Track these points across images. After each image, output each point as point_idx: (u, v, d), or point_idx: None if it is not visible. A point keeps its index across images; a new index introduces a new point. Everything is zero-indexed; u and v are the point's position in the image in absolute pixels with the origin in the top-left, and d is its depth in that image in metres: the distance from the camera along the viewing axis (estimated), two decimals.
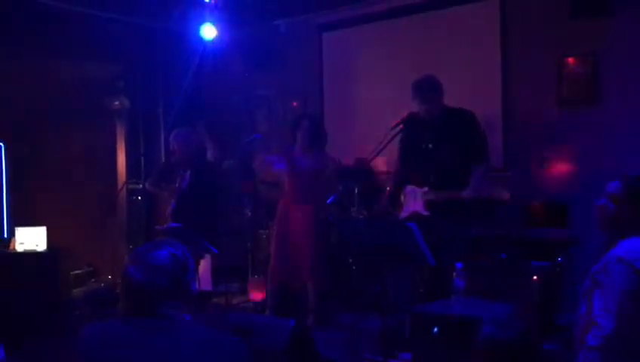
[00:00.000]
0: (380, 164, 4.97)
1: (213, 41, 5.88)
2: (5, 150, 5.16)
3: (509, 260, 4.19)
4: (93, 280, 5.97)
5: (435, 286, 3.81)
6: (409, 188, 4.17)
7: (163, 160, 6.22)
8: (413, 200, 4.12)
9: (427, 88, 4.07)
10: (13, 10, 5.18)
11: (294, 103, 6.17)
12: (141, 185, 6.25)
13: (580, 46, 4.74)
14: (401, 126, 4.09)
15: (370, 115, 5.80)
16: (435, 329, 3.07)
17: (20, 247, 5.00)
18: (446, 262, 3.46)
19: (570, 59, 4.81)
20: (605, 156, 4.62)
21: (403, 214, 4.18)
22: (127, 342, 1.72)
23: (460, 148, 3.98)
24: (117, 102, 6.35)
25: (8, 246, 5.03)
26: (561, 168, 4.83)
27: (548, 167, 4.87)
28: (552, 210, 4.60)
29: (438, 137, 4.07)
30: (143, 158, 6.46)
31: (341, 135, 6.14)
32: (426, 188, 4.07)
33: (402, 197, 4.24)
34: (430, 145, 4.10)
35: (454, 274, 3.33)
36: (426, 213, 4.02)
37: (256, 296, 5.55)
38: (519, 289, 3.75)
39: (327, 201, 4.53)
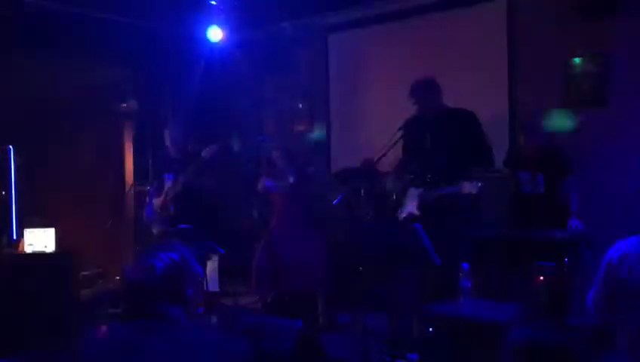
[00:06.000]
0: (387, 164, 4.98)
1: (220, 44, 5.91)
2: (14, 152, 5.20)
3: (516, 261, 4.18)
4: (101, 281, 5.99)
5: (441, 287, 3.81)
6: (411, 190, 4.20)
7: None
8: (411, 202, 4.14)
9: (420, 89, 4.11)
10: (23, 14, 5.23)
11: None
12: (149, 187, 6.28)
13: (588, 46, 4.73)
14: (402, 131, 4.13)
15: (376, 115, 5.81)
16: (430, 330, 3.11)
17: (28, 249, 5.02)
18: (452, 262, 3.46)
19: (578, 60, 4.79)
20: (614, 157, 4.60)
21: (401, 216, 4.20)
22: (127, 344, 1.74)
23: (458, 147, 3.98)
24: (125, 105, 6.38)
25: (17, 247, 5.06)
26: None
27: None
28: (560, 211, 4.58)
29: (435, 137, 4.09)
30: (150, 160, 6.49)
31: (348, 136, 6.16)
32: (421, 190, 4.09)
33: (405, 200, 4.25)
34: (428, 145, 4.12)
35: (461, 274, 3.32)
36: (417, 214, 4.05)
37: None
38: (526, 290, 3.74)
39: (334, 202, 4.54)
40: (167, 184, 5.16)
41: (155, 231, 5.19)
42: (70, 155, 5.99)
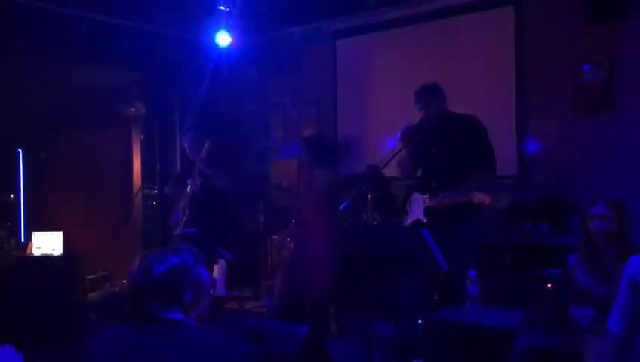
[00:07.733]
0: (394, 170, 4.97)
1: (228, 49, 5.93)
2: (23, 156, 5.24)
3: (523, 267, 4.17)
4: (108, 284, 6.02)
5: (448, 293, 3.80)
6: (414, 195, 4.18)
7: (178, 165, 6.29)
8: (417, 208, 4.12)
9: (423, 94, 4.10)
10: (30, 17, 5.27)
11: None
12: (156, 190, 6.31)
13: (595, 52, 4.72)
14: (400, 145, 4.12)
15: (383, 121, 5.81)
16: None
17: (36, 252, 5.05)
18: (459, 268, 3.44)
19: (586, 66, 4.78)
20: (621, 163, 4.58)
21: (407, 222, 4.19)
22: (128, 344, 1.75)
23: (461, 152, 3.96)
24: (133, 109, 6.42)
25: (25, 250, 5.09)
26: (576, 175, 4.79)
27: (563, 173, 4.84)
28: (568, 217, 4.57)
29: (439, 142, 4.07)
30: (158, 164, 6.52)
31: (355, 141, 6.16)
32: (427, 196, 4.08)
33: (408, 205, 4.24)
34: (432, 151, 4.10)
35: (468, 281, 3.31)
36: (425, 220, 4.03)
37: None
38: (533, 297, 3.72)
39: (340, 207, 4.54)
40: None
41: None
42: (78, 159, 6.03)
